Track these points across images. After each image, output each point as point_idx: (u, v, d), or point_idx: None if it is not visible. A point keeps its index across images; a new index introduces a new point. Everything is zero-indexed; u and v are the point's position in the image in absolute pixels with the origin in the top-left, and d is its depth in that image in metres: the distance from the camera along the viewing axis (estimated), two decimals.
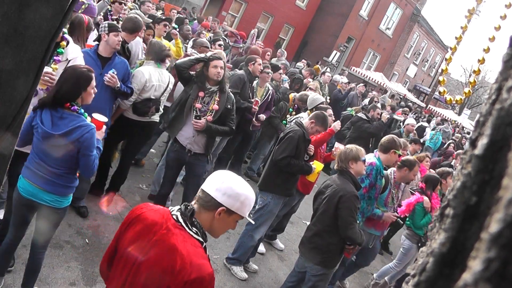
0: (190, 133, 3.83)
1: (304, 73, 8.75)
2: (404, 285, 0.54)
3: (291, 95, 6.40)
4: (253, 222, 1.74)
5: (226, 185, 1.59)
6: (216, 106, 3.82)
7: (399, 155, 4.23)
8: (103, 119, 2.73)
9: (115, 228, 3.96)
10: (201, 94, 3.79)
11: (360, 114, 7.96)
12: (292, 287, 3.65)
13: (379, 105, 9.20)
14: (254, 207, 3.87)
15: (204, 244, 1.59)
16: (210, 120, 3.81)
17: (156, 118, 4.37)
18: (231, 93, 4.02)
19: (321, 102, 5.19)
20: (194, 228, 1.58)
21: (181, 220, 1.58)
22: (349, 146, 3.59)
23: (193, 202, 1.65)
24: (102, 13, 5.54)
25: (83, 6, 4.29)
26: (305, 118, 4.94)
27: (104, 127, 2.79)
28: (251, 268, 4.29)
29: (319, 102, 5.20)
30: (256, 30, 8.58)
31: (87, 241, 3.65)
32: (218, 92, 3.84)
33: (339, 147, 4.57)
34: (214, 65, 3.77)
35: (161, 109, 4.35)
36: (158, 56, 4.19)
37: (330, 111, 4.77)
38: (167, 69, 4.49)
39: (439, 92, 1.97)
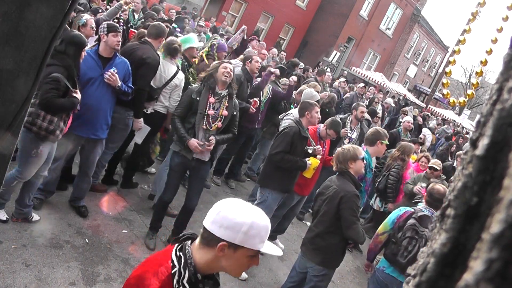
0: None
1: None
2: (405, 285, 0.53)
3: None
4: (281, 253, 1.46)
5: (221, 216, 1.36)
6: (225, 112, 3.81)
7: (386, 145, 4.46)
8: None
9: (115, 228, 4.01)
10: (211, 100, 3.75)
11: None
12: (292, 287, 3.64)
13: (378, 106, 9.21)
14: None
15: (175, 269, 1.36)
16: (220, 126, 3.80)
17: (157, 109, 4.47)
18: (236, 100, 4.01)
19: (317, 100, 5.11)
20: (179, 253, 1.40)
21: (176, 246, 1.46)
22: (345, 146, 3.56)
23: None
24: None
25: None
26: (294, 114, 4.90)
27: None
28: None
29: (315, 100, 5.07)
30: (245, 27, 8.48)
31: (87, 241, 3.65)
32: (227, 97, 3.84)
33: None
34: (224, 67, 3.80)
35: (164, 101, 4.48)
36: (167, 49, 4.46)
37: (317, 108, 4.45)
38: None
39: (443, 95, 1.99)
